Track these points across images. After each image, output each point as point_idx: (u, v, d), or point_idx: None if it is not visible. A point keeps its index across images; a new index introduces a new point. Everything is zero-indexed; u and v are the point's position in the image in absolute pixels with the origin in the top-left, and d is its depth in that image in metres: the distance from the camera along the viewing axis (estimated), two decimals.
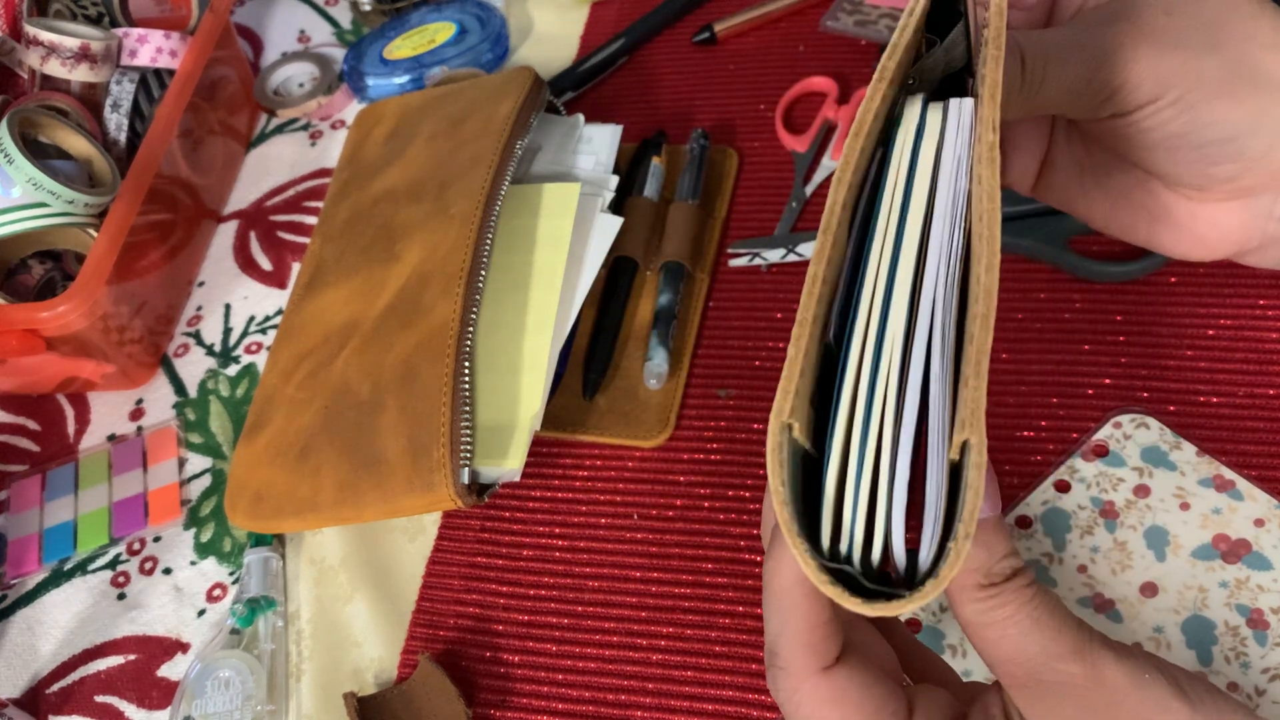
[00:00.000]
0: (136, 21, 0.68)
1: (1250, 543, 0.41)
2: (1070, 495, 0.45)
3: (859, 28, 0.61)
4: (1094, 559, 0.43)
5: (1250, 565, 0.41)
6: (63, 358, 0.57)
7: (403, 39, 0.71)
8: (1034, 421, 0.48)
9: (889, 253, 0.26)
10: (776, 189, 0.59)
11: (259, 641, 0.49)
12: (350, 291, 0.53)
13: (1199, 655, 0.40)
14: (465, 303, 0.48)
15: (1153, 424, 0.46)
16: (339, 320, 0.52)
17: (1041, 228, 0.52)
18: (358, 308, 0.52)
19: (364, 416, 0.47)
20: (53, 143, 0.60)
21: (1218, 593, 0.41)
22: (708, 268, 0.57)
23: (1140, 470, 0.45)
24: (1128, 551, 0.43)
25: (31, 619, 0.54)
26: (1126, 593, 0.42)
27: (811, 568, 0.24)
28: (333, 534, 0.53)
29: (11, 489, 0.59)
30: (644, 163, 0.59)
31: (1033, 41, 0.32)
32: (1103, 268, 0.51)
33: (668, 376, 0.52)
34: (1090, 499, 0.44)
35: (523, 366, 0.48)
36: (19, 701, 0.52)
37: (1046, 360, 0.49)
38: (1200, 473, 0.44)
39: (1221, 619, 0.40)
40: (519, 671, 0.47)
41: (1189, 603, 0.41)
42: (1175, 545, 0.42)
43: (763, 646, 0.44)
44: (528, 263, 0.51)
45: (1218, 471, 0.43)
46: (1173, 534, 0.42)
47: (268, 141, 0.73)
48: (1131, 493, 0.44)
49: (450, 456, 0.44)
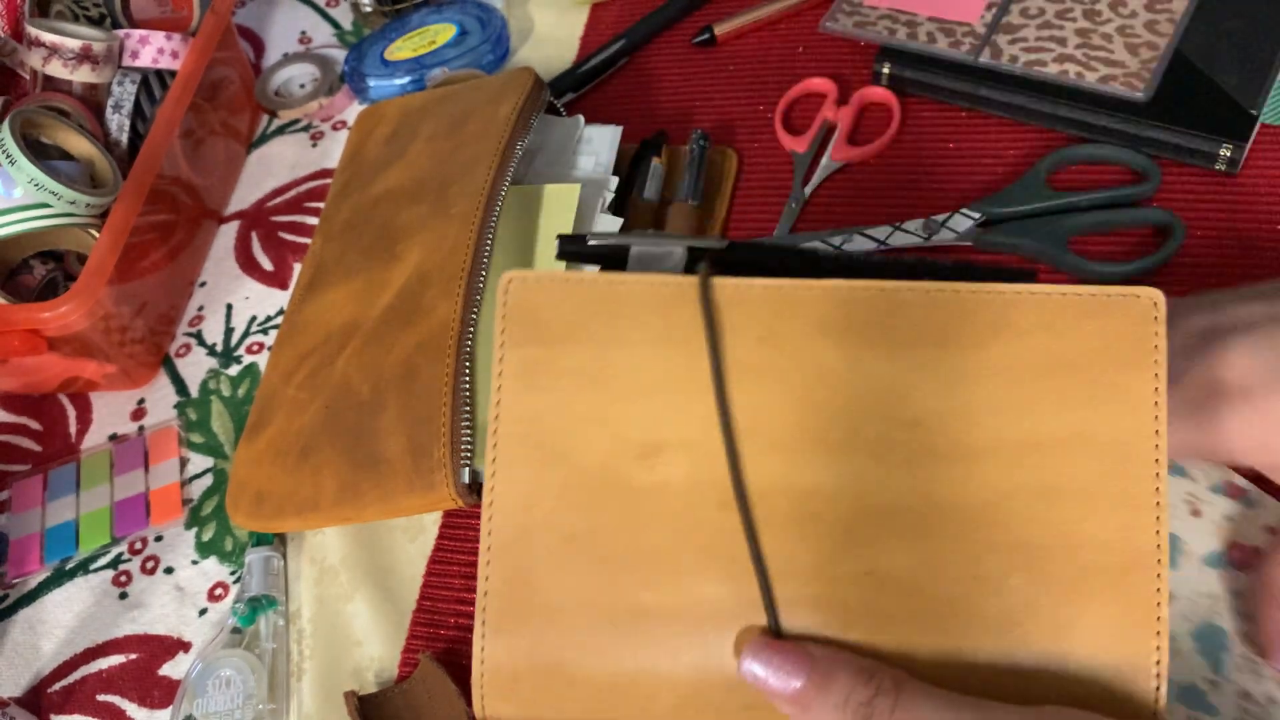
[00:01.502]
0: (138, 23, 0.68)
1: (1263, 550, 0.41)
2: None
3: (858, 29, 0.61)
4: None
5: None
6: (64, 358, 0.58)
7: (403, 40, 0.71)
8: None
9: None
10: (776, 190, 0.59)
11: (260, 641, 0.49)
12: (351, 292, 0.53)
13: (1211, 663, 0.39)
14: (466, 303, 0.48)
15: None
16: (340, 320, 0.52)
17: (1041, 228, 0.52)
18: (359, 308, 0.52)
19: (364, 416, 0.47)
20: (54, 143, 0.60)
21: (1230, 600, 0.41)
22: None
23: None
24: None
25: (33, 618, 0.55)
26: None
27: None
28: (333, 533, 0.53)
29: (13, 489, 0.59)
30: (644, 163, 0.59)
31: None
32: (1102, 268, 0.51)
33: None
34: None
35: None
36: (21, 700, 0.52)
37: None
38: (1211, 479, 0.43)
39: (1233, 627, 0.40)
40: None
41: (1201, 611, 0.41)
42: (1187, 553, 0.42)
43: None
44: (528, 263, 0.52)
45: (1229, 478, 0.43)
46: (1184, 541, 0.42)
47: (269, 142, 0.73)
48: None
49: (451, 456, 0.44)
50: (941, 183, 0.57)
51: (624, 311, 0.34)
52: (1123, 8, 0.58)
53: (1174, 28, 0.56)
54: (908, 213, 0.56)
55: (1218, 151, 0.52)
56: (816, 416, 0.33)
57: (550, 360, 0.34)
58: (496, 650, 0.33)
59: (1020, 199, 0.54)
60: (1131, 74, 0.55)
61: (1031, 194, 0.54)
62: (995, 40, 0.58)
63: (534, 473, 0.34)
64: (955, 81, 0.58)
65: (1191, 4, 0.57)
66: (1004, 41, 0.58)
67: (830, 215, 0.58)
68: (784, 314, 0.33)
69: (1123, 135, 0.54)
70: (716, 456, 0.33)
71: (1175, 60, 0.55)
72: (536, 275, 0.35)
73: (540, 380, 0.34)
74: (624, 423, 0.34)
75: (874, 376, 0.33)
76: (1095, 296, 0.33)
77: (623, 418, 0.34)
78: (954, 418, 0.32)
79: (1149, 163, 0.53)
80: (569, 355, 0.34)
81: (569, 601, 0.33)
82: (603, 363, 0.34)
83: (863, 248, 0.55)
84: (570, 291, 0.35)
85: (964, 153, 0.58)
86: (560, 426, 0.34)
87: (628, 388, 0.34)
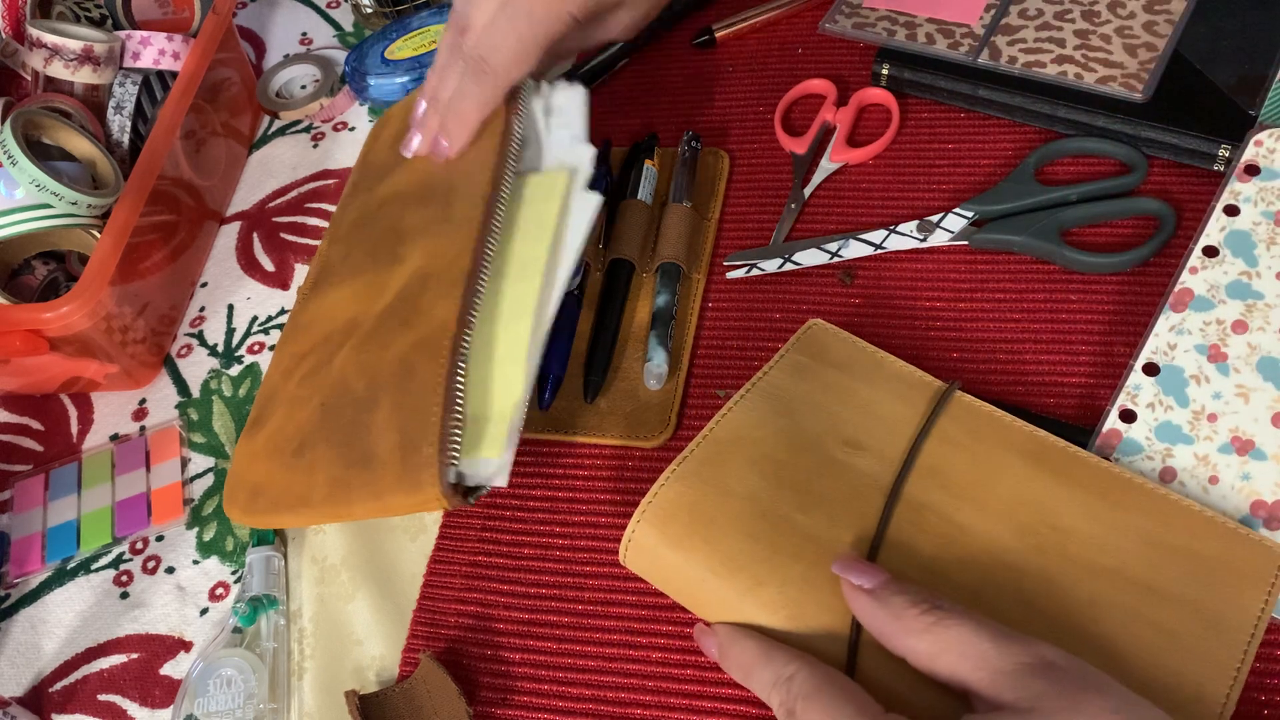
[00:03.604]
0: (139, 24, 0.68)
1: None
2: (1242, 215, 0.49)
3: (857, 30, 0.61)
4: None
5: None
6: (66, 358, 0.58)
7: (404, 40, 0.71)
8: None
9: None
10: (775, 190, 0.60)
11: (261, 640, 0.50)
12: (353, 291, 0.53)
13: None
14: (464, 305, 0.48)
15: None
16: (341, 319, 0.52)
17: (1034, 223, 0.53)
18: (360, 307, 0.52)
19: (359, 414, 0.47)
20: (56, 144, 0.60)
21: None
22: (703, 269, 0.57)
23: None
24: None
25: (35, 618, 0.55)
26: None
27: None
28: (334, 533, 0.53)
29: (15, 488, 0.59)
30: (637, 166, 0.60)
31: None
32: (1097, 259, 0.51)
33: (667, 377, 0.53)
34: (1261, 214, 0.49)
35: (506, 357, 0.48)
36: (22, 700, 0.52)
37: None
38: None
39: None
40: (520, 670, 0.47)
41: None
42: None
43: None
44: (514, 253, 0.51)
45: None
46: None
47: (270, 143, 0.73)
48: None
49: (439, 454, 0.44)
50: (941, 183, 0.57)
51: (879, 372, 0.48)
52: (1121, 9, 0.58)
53: (1172, 29, 0.56)
54: (907, 213, 0.56)
55: (1216, 152, 0.52)
56: (984, 489, 0.43)
57: (816, 371, 0.49)
58: (671, 491, 0.44)
59: (1011, 196, 0.54)
60: (1130, 75, 0.55)
61: (1022, 190, 0.54)
62: (994, 41, 0.58)
63: (767, 418, 0.47)
64: (954, 83, 0.58)
65: (1190, 5, 0.57)
66: (1003, 42, 0.58)
67: (830, 216, 0.58)
68: (993, 427, 0.45)
69: (1121, 136, 0.54)
70: (895, 468, 0.44)
71: (1174, 61, 0.55)
72: (835, 329, 0.50)
73: (803, 376, 0.48)
74: (843, 423, 0.46)
75: (1040, 486, 0.43)
76: (1234, 530, 0.41)
77: (844, 420, 0.46)
78: (1092, 540, 0.41)
79: (1135, 153, 0.54)
80: (830, 373, 0.48)
81: (742, 489, 0.44)
82: (849, 388, 0.48)
83: (859, 252, 0.55)
84: (850, 345, 0.50)
85: (963, 153, 0.58)
86: (800, 404, 0.47)
87: (857, 408, 0.47)
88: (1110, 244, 0.52)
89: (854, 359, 0.49)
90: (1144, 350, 0.47)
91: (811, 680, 0.36)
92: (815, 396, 0.47)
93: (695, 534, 0.43)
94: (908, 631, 0.36)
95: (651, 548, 0.43)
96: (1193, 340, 0.47)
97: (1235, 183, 0.50)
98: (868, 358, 0.49)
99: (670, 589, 0.44)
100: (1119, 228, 0.53)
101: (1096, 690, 0.32)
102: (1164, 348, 0.47)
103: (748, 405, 0.47)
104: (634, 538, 0.44)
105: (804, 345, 0.50)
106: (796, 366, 0.49)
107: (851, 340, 0.50)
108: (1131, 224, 0.53)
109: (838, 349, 0.49)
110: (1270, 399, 0.45)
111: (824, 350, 0.49)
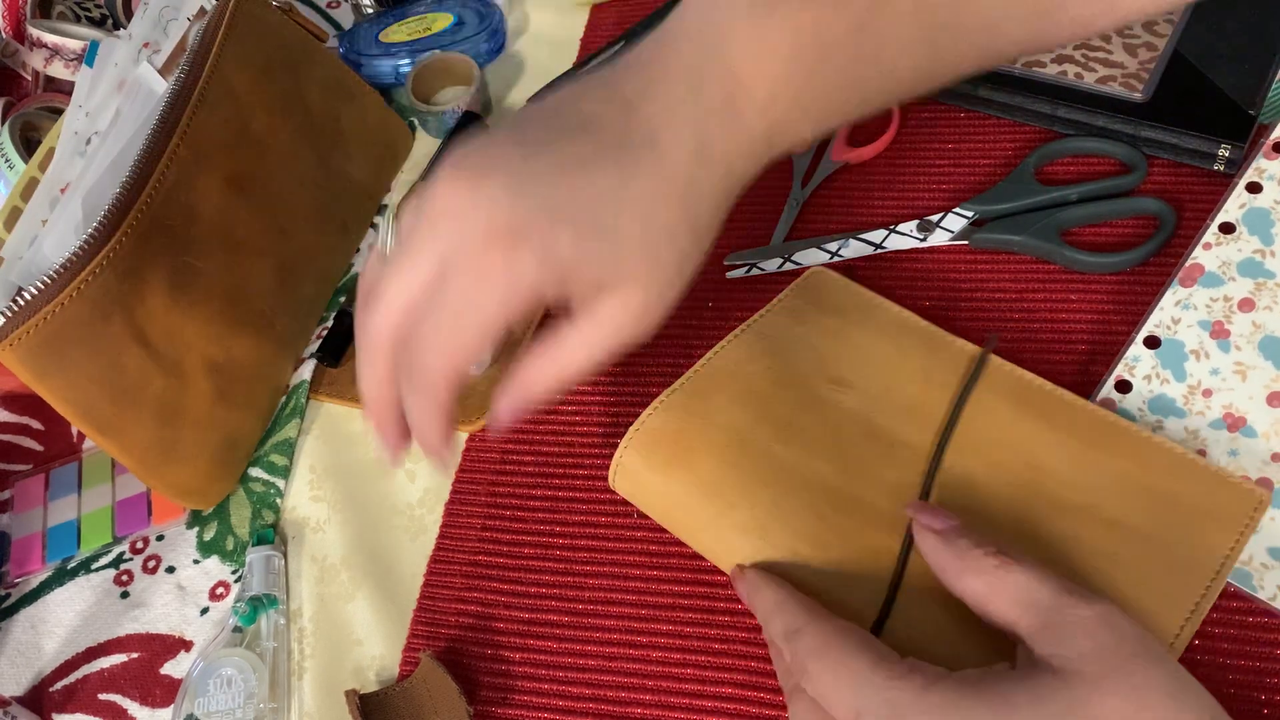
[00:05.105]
0: None
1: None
2: (1264, 194, 0.49)
3: None
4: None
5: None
6: None
7: (399, 25, 0.71)
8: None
9: None
10: (775, 190, 0.59)
11: (261, 639, 0.50)
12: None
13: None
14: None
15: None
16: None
17: (1034, 223, 0.53)
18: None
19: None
20: None
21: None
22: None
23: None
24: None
25: (35, 617, 0.55)
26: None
27: None
28: (335, 532, 0.53)
29: (15, 488, 0.59)
30: None
31: None
32: (1096, 259, 0.51)
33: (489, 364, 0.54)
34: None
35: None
36: (23, 699, 0.52)
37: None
38: None
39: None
40: (520, 669, 0.47)
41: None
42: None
43: (761, 642, 0.44)
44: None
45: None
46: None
47: None
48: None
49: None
50: (941, 183, 0.57)
51: (872, 317, 0.50)
52: None
53: (1172, 28, 0.56)
54: (908, 213, 0.56)
55: (1216, 152, 0.52)
56: (963, 426, 0.45)
57: (812, 315, 0.50)
58: (658, 420, 0.46)
59: (1011, 195, 0.54)
60: (1130, 74, 0.55)
61: (1021, 190, 0.54)
62: None
63: (757, 355, 0.48)
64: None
65: (1190, 5, 0.57)
66: None
67: (829, 215, 0.58)
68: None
69: (1121, 135, 0.54)
70: (881, 410, 0.46)
71: (1174, 61, 0.55)
72: (834, 275, 0.52)
73: (799, 319, 0.50)
74: (832, 361, 0.48)
75: (1024, 428, 0.44)
76: (1216, 473, 0.42)
77: (833, 358, 0.48)
78: (1069, 480, 0.42)
79: (1134, 153, 0.54)
80: (826, 318, 0.50)
81: (725, 421, 0.46)
82: (841, 330, 0.49)
83: (859, 251, 0.55)
84: (846, 290, 0.51)
85: (963, 153, 0.58)
86: (793, 344, 0.49)
87: (848, 347, 0.48)
88: (1110, 244, 0.52)
89: (850, 304, 0.51)
90: (1147, 323, 0.47)
91: (820, 635, 0.36)
92: (810, 338, 0.49)
93: (677, 460, 0.45)
94: (969, 570, 0.36)
95: (637, 472, 0.46)
96: (1197, 315, 0.47)
97: (1261, 159, 0.49)
98: (864, 302, 0.51)
99: (654, 512, 0.46)
100: (1119, 227, 0.53)
101: (1148, 660, 0.32)
102: (1168, 321, 0.47)
103: (741, 343, 0.49)
104: (621, 462, 0.46)
105: (802, 290, 0.52)
106: (793, 309, 0.51)
107: (848, 285, 0.52)
108: (1131, 224, 0.53)
109: (835, 294, 0.51)
110: (1268, 378, 0.45)
111: (822, 295, 0.51)
